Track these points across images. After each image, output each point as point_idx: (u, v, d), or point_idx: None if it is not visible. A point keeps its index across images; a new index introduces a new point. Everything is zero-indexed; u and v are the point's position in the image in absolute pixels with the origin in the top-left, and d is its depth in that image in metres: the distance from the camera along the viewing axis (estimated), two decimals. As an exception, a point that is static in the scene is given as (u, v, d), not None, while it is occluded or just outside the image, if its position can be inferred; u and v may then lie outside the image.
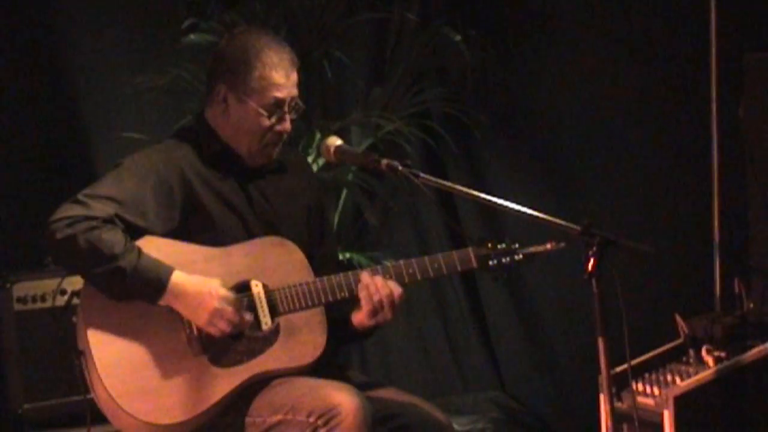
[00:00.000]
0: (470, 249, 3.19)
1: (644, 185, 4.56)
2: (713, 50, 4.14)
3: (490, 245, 3.20)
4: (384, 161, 3.04)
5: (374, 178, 4.84)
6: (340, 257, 4.74)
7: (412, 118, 4.90)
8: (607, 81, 4.65)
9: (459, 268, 3.20)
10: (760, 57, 3.93)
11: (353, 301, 3.16)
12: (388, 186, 4.98)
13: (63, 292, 4.07)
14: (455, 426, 4.80)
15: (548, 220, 2.82)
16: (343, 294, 3.14)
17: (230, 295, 3.05)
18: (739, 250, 4.05)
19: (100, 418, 3.15)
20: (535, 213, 2.85)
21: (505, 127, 5.04)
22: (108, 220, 3.04)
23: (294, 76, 3.20)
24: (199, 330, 3.06)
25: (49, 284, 4.19)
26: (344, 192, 4.89)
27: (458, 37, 4.86)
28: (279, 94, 3.16)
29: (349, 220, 5.14)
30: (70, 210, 3.04)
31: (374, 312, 3.12)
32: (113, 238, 3.01)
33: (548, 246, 3.18)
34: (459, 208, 5.20)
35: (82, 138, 5.02)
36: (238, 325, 3.06)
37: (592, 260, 2.72)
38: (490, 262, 3.19)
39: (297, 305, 3.12)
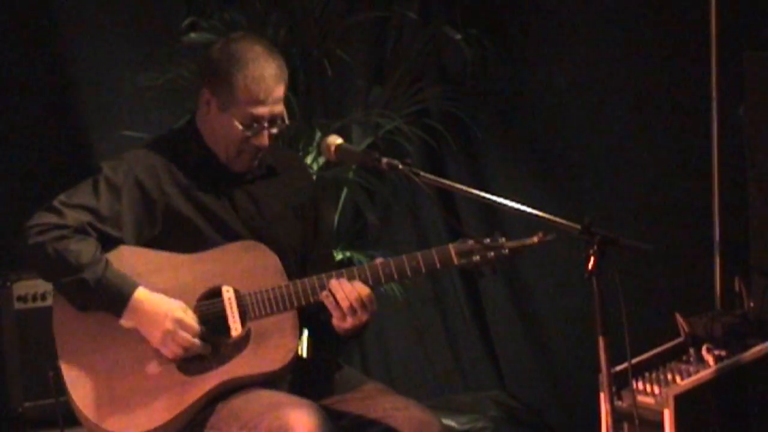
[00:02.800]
0: (450, 246, 3.14)
1: (644, 184, 4.56)
2: (713, 49, 4.14)
3: (472, 241, 3.14)
4: (384, 160, 3.03)
5: (375, 177, 4.83)
6: (341, 256, 4.75)
7: (413, 116, 4.90)
8: (607, 79, 4.64)
9: (438, 266, 3.13)
10: (761, 56, 3.92)
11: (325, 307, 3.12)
12: (388, 185, 4.98)
13: (63, 291, 4.06)
14: (455, 425, 4.83)
15: (548, 219, 2.82)
16: (315, 297, 3.09)
17: (187, 319, 3.03)
18: (740, 249, 4.05)
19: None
20: (535, 211, 2.84)
21: (505, 126, 5.04)
22: (79, 230, 3.05)
23: (277, 93, 3.14)
24: None
25: (49, 283, 4.18)
26: (344, 191, 4.89)
27: (458, 36, 4.86)
28: (257, 111, 3.11)
29: (350, 219, 5.14)
30: (43, 217, 3.06)
31: (343, 317, 3.07)
32: (81, 247, 3.02)
33: (535, 239, 3.08)
34: (459, 206, 5.19)
35: (83, 136, 5.02)
36: (191, 349, 3.04)
37: (592, 259, 2.72)
38: (474, 258, 3.12)
39: (268, 310, 3.08)
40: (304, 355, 3.53)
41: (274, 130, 3.15)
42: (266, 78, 3.11)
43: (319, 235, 3.37)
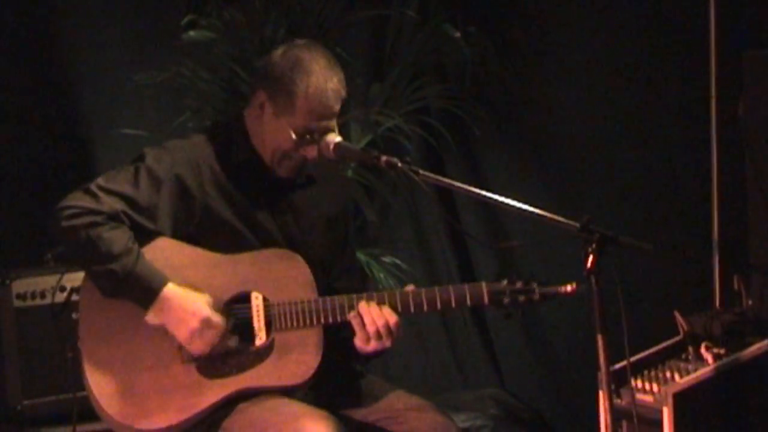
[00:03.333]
0: (483, 284, 3.12)
1: (644, 182, 4.56)
2: (713, 48, 4.13)
3: (505, 282, 3.13)
4: (383, 158, 3.02)
5: (374, 175, 4.84)
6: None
7: (412, 114, 4.90)
8: (607, 78, 4.64)
9: (469, 303, 3.12)
10: (760, 54, 3.92)
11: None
12: (387, 183, 4.98)
13: (62, 289, 4.07)
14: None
15: (547, 217, 2.82)
16: (342, 317, 3.08)
17: (214, 317, 3.02)
18: (739, 247, 4.05)
19: (88, 416, 3.15)
20: (534, 210, 2.85)
21: (504, 124, 5.04)
22: (113, 216, 3.00)
23: (336, 108, 3.10)
24: None
25: (48, 281, 4.19)
26: (344, 189, 4.89)
27: (457, 34, 4.86)
28: (313, 124, 3.08)
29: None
30: (79, 199, 3.02)
31: (368, 340, 3.06)
32: (114, 237, 2.98)
33: (569, 288, 3.09)
34: (458, 204, 5.20)
35: (82, 134, 5.02)
36: (217, 348, 3.03)
37: (591, 257, 2.72)
38: (504, 300, 3.12)
39: (293, 323, 3.07)
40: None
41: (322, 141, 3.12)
42: (328, 93, 3.08)
43: (347, 246, 3.35)
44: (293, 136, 3.08)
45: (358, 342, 3.08)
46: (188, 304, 3.01)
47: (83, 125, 5.03)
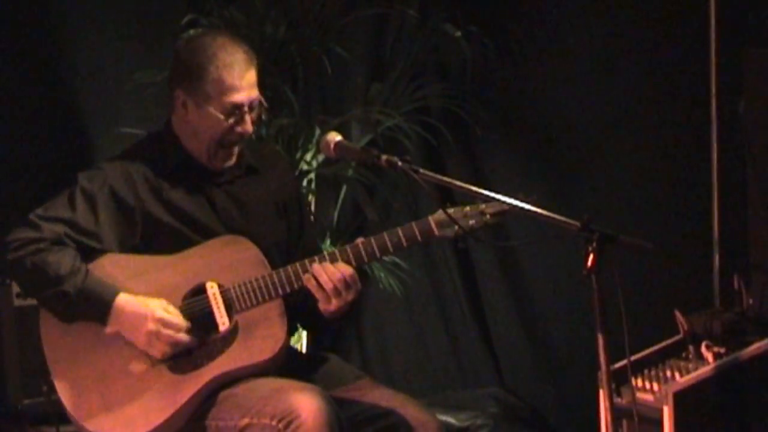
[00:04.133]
0: (430, 217, 3.12)
1: (644, 181, 4.56)
2: (713, 46, 4.13)
3: (452, 210, 3.10)
4: (384, 157, 3.02)
5: (374, 174, 4.83)
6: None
7: (412, 113, 4.90)
8: (607, 76, 4.64)
9: (419, 239, 3.10)
10: (760, 52, 3.92)
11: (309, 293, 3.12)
12: (387, 182, 4.98)
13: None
14: (454, 422, 4.83)
15: (547, 216, 2.82)
16: (299, 283, 3.09)
17: (168, 317, 3.04)
18: (739, 246, 4.05)
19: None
20: (535, 208, 2.84)
21: (505, 123, 5.04)
22: (56, 241, 3.06)
23: (250, 76, 3.13)
24: None
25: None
26: (344, 188, 4.89)
27: (458, 33, 4.85)
28: (234, 98, 3.11)
29: (349, 216, 5.14)
30: (20, 232, 3.08)
31: (328, 299, 3.07)
32: (59, 259, 3.03)
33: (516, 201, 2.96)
34: (458, 203, 5.19)
35: (82, 134, 5.02)
36: (178, 345, 3.05)
37: (591, 256, 2.72)
38: (455, 227, 3.09)
39: (253, 301, 3.08)
40: (303, 350, 3.53)
41: (254, 115, 3.16)
42: (236, 64, 3.11)
43: (305, 227, 3.38)
44: (221, 116, 3.11)
45: (321, 305, 3.09)
46: (140, 308, 3.04)
47: (84, 124, 5.03)
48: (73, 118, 5.00)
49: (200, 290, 3.10)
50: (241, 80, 3.12)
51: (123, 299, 3.04)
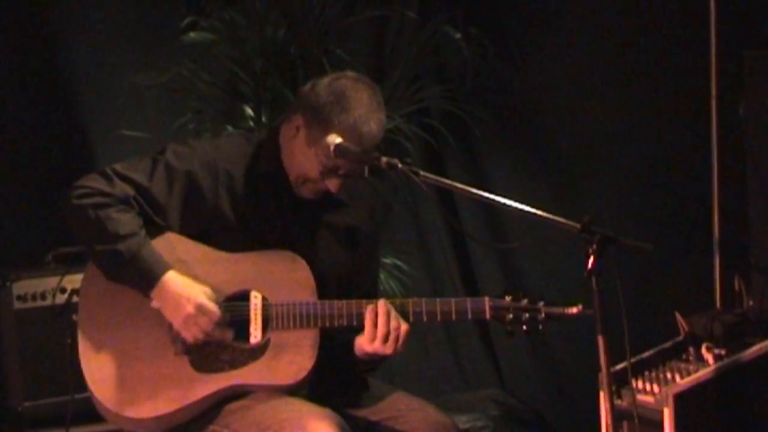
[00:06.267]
0: (486, 300, 3.09)
1: (644, 182, 4.56)
2: (713, 48, 4.13)
3: (508, 298, 3.09)
4: (384, 159, 3.00)
5: (374, 176, 4.83)
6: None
7: (412, 115, 4.90)
8: (607, 78, 4.64)
9: (470, 317, 3.09)
10: (761, 54, 3.92)
11: (351, 331, 3.08)
12: (388, 184, 4.98)
13: (63, 291, 4.08)
14: (455, 424, 4.83)
15: (548, 218, 2.82)
16: (341, 322, 3.05)
17: (209, 305, 3.02)
18: (739, 248, 4.05)
19: (86, 418, 3.15)
20: (535, 211, 2.84)
21: (505, 125, 5.04)
22: (123, 200, 3.03)
23: (373, 143, 3.04)
24: None
25: (49, 282, 4.19)
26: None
27: (458, 35, 4.86)
28: (342, 162, 3.04)
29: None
30: (93, 180, 3.05)
31: (373, 339, 3.03)
32: (122, 218, 3.01)
33: (574, 310, 3.02)
34: (459, 205, 5.20)
35: (82, 136, 5.02)
36: (213, 336, 3.03)
37: (592, 258, 2.71)
38: (507, 316, 3.07)
39: (291, 324, 3.05)
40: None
41: (349, 179, 3.10)
42: (364, 135, 3.02)
43: (368, 270, 3.32)
44: (319, 168, 3.06)
45: (363, 339, 3.05)
46: (185, 290, 3.02)
47: (84, 127, 5.03)
48: (73, 120, 5.00)
49: (243, 296, 3.08)
50: (365, 145, 3.02)
51: (171, 276, 3.02)
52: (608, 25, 4.63)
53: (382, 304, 3.04)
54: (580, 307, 3.00)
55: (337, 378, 3.19)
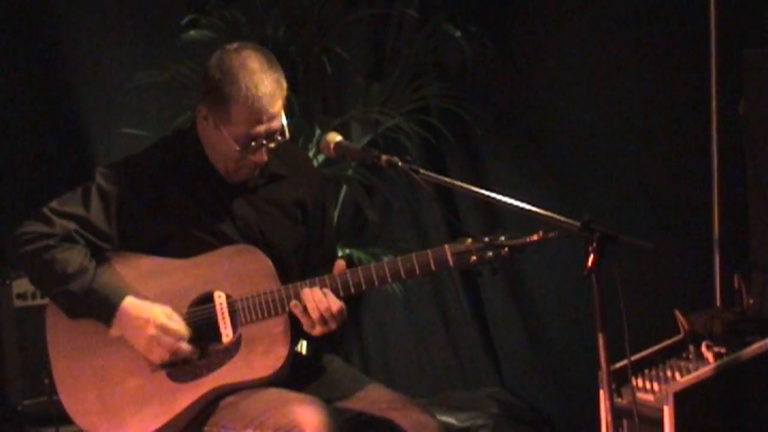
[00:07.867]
0: (446, 247, 3.07)
1: (644, 181, 4.56)
2: (713, 46, 4.13)
3: (469, 241, 3.07)
4: (384, 157, 3.01)
5: (374, 174, 4.84)
6: (340, 253, 4.75)
7: (412, 113, 4.90)
8: (607, 76, 4.64)
9: (433, 268, 3.06)
10: (761, 53, 3.92)
11: None
12: (388, 182, 4.98)
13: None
14: (455, 422, 4.83)
15: (548, 216, 2.82)
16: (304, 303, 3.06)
17: (170, 324, 3.03)
18: (739, 246, 4.05)
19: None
20: (535, 209, 2.84)
21: (505, 123, 5.04)
22: (66, 237, 3.05)
23: (274, 109, 3.05)
24: None
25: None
26: (344, 188, 4.89)
27: (458, 33, 4.86)
28: (253, 131, 3.04)
29: (349, 216, 5.15)
30: (32, 225, 3.07)
31: (312, 325, 3.05)
32: (68, 257, 3.03)
33: (535, 237, 2.98)
34: (459, 203, 5.20)
35: (82, 134, 5.03)
36: (178, 353, 3.04)
37: (592, 256, 2.71)
38: (471, 258, 3.05)
39: (258, 315, 3.05)
40: (304, 352, 3.51)
41: (272, 145, 3.09)
42: (262, 97, 3.02)
43: (325, 238, 3.34)
44: (236, 146, 3.06)
45: (305, 327, 3.06)
46: (143, 313, 3.03)
47: (84, 124, 5.04)
48: (73, 118, 5.01)
49: (207, 298, 3.09)
50: (263, 114, 3.03)
51: (128, 302, 3.03)
52: (608, 24, 4.63)
53: (306, 290, 3.03)
54: (541, 233, 2.96)
55: (308, 368, 3.22)
